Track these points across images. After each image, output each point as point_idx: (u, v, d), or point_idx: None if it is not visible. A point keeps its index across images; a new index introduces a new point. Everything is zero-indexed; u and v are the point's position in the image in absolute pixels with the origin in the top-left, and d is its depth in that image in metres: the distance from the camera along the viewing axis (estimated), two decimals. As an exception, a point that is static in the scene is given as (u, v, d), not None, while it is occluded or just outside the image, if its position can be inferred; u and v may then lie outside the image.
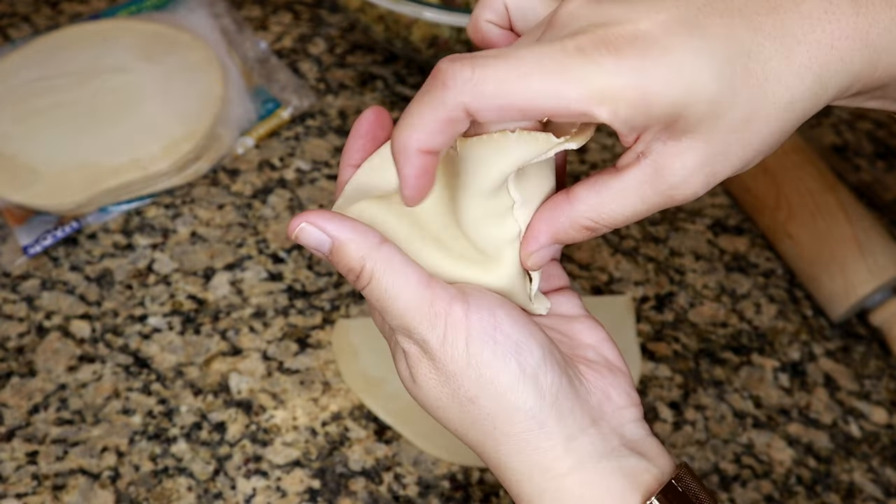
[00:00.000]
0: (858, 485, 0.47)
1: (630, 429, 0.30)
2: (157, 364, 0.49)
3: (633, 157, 0.27)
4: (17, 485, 0.44)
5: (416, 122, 0.26)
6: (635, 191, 0.27)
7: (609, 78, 0.24)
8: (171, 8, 0.64)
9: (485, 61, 0.25)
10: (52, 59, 0.60)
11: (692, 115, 0.25)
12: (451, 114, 0.25)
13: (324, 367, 0.49)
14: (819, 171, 0.55)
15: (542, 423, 0.29)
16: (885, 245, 0.52)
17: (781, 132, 0.26)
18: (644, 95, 0.25)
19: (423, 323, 0.28)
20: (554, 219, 0.29)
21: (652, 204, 0.27)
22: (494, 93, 0.24)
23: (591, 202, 0.28)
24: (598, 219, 0.28)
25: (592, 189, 0.28)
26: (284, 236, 0.55)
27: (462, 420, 0.30)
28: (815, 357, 0.52)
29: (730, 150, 0.26)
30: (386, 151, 0.32)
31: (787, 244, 0.54)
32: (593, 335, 0.32)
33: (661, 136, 0.26)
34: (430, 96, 0.25)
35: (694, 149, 0.26)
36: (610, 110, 0.25)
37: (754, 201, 0.56)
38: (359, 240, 0.29)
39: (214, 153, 0.57)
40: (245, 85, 0.60)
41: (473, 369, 0.28)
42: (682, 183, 0.27)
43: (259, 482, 0.45)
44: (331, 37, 0.66)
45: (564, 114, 0.25)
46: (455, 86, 0.25)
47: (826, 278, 0.52)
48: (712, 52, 0.25)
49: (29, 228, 0.53)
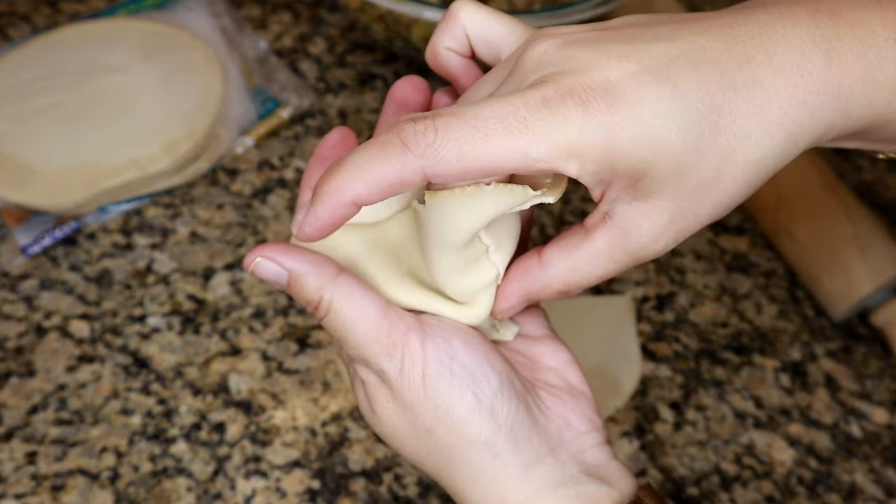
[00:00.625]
0: (860, 485, 0.47)
1: (592, 454, 0.30)
2: (157, 364, 0.49)
3: (600, 217, 0.27)
4: (16, 485, 0.44)
5: (360, 174, 0.24)
6: (605, 253, 0.27)
7: (576, 133, 0.24)
8: (170, 7, 0.64)
9: (447, 123, 0.24)
10: (51, 59, 0.59)
11: (658, 173, 0.25)
12: (406, 177, 0.24)
13: (324, 367, 0.49)
14: (820, 171, 0.55)
15: (498, 454, 0.28)
16: (887, 245, 0.52)
17: (750, 187, 0.26)
18: (611, 153, 0.24)
19: (381, 353, 0.28)
20: (527, 282, 0.29)
21: (622, 263, 0.27)
22: (457, 157, 0.24)
23: (563, 266, 0.28)
24: (571, 282, 0.28)
25: (563, 252, 0.28)
26: (285, 236, 0.55)
27: (419, 450, 0.29)
28: (816, 357, 0.52)
29: (698, 209, 0.26)
30: None
31: (788, 244, 0.54)
32: (556, 358, 0.32)
33: (626, 196, 0.26)
34: (386, 153, 0.24)
35: (660, 209, 0.26)
36: (577, 166, 0.24)
37: (755, 201, 0.56)
38: (315, 271, 0.28)
39: (214, 153, 0.57)
40: (245, 84, 0.60)
41: (430, 400, 0.28)
42: (650, 243, 0.26)
43: (259, 482, 0.45)
44: (331, 36, 0.66)
45: (531, 171, 0.24)
46: (416, 149, 0.24)
47: (827, 278, 0.52)
48: (682, 110, 0.24)
49: (28, 228, 0.53)
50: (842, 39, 0.25)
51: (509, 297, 0.30)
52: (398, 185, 0.24)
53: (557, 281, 0.28)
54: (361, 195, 0.24)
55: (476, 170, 0.24)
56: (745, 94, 0.25)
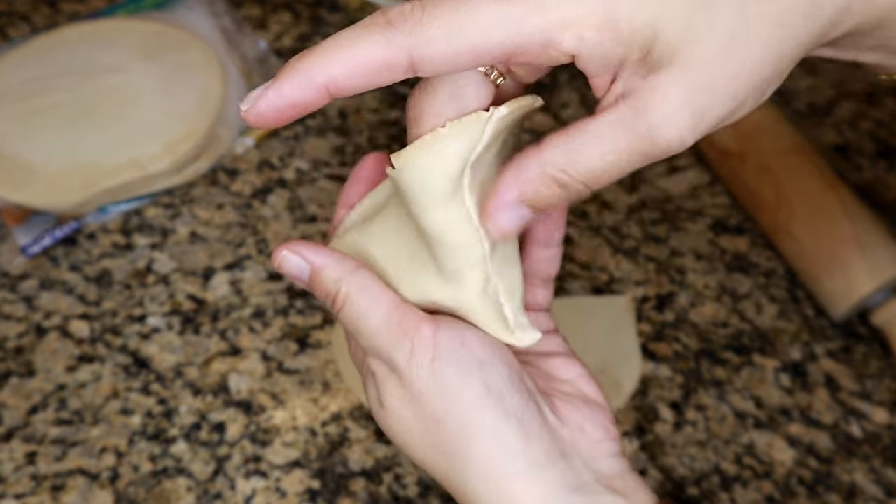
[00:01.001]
0: (860, 485, 0.47)
1: (607, 464, 0.29)
2: (157, 364, 0.49)
3: (612, 99, 0.24)
4: (15, 485, 0.44)
5: (339, 53, 0.22)
6: (612, 133, 0.24)
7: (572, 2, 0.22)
8: (170, 7, 0.64)
9: (433, 1, 0.22)
10: (50, 59, 0.59)
11: (667, 38, 0.22)
12: (390, 58, 0.22)
13: (324, 367, 0.49)
14: (820, 171, 0.55)
15: (508, 446, 0.27)
16: (887, 245, 0.51)
17: (772, 60, 0.23)
18: (611, 16, 0.22)
19: (392, 341, 0.28)
20: (521, 170, 0.25)
21: (632, 150, 0.24)
22: (445, 35, 0.22)
23: (563, 148, 0.24)
24: (570, 168, 0.24)
25: (565, 134, 0.24)
26: (284, 236, 0.55)
27: (426, 443, 0.28)
28: (816, 357, 0.52)
29: (716, 82, 0.23)
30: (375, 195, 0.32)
31: (788, 244, 0.54)
32: (571, 371, 0.31)
33: (640, 71, 0.23)
34: (369, 31, 0.22)
35: (675, 80, 0.23)
36: (575, 37, 0.22)
37: (755, 201, 0.56)
38: (335, 265, 0.29)
39: (214, 153, 0.57)
40: (245, 84, 0.60)
41: (438, 387, 0.27)
42: (664, 121, 0.23)
43: (259, 482, 0.45)
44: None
45: (524, 48, 0.22)
46: (402, 27, 0.22)
47: (827, 278, 0.52)
48: None
49: (27, 228, 0.53)
50: None
51: (503, 193, 0.26)
52: (380, 68, 0.22)
53: (555, 165, 0.24)
54: (337, 77, 0.22)
55: (465, 49, 0.22)
56: None
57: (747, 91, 0.23)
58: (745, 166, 0.56)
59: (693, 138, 0.23)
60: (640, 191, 0.58)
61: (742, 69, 0.23)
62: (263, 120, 0.23)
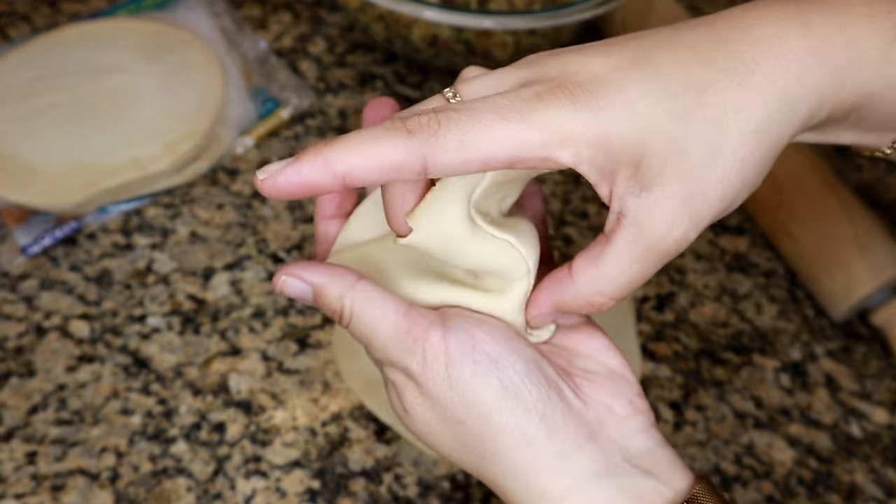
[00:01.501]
0: (860, 485, 0.47)
1: (637, 441, 0.29)
2: (157, 364, 0.49)
3: (615, 218, 0.27)
4: (15, 485, 0.44)
5: (360, 149, 0.25)
6: (627, 253, 0.27)
7: (568, 120, 0.24)
8: (170, 7, 0.64)
9: (448, 116, 0.25)
10: (50, 59, 0.59)
11: (654, 153, 0.25)
12: (406, 161, 0.25)
13: (324, 367, 0.49)
14: (820, 171, 0.55)
15: (531, 441, 0.28)
16: (886, 245, 0.51)
17: (758, 161, 0.26)
18: (603, 135, 0.25)
19: (404, 351, 0.28)
20: (557, 292, 0.29)
21: (647, 262, 0.27)
22: (457, 146, 0.24)
23: (591, 274, 0.28)
24: (601, 290, 0.28)
25: (589, 260, 0.28)
26: (284, 236, 0.55)
27: (454, 444, 0.29)
28: (816, 357, 0.52)
29: (707, 188, 0.26)
30: (373, 198, 0.33)
31: (788, 244, 0.54)
32: (593, 344, 0.31)
33: (633, 189, 0.26)
34: (390, 135, 0.25)
35: (668, 194, 0.26)
36: (572, 153, 0.25)
37: (755, 201, 0.56)
38: (335, 281, 0.29)
39: (214, 153, 0.57)
40: (245, 84, 0.60)
41: (456, 391, 0.28)
42: (667, 232, 0.26)
43: (259, 482, 0.45)
44: (330, 36, 0.66)
45: (526, 161, 0.25)
46: (420, 136, 0.24)
47: (827, 278, 0.52)
48: (665, 89, 0.25)
49: (28, 228, 0.53)
50: (819, 14, 0.26)
51: (539, 305, 0.30)
52: (396, 168, 0.25)
53: (588, 290, 0.28)
54: (355, 169, 0.25)
55: (474, 159, 0.25)
56: (727, 70, 0.25)
57: (737, 190, 0.27)
58: (745, 166, 0.56)
59: (696, 234, 0.27)
60: (640, 191, 0.58)
61: (728, 173, 0.26)
62: (278, 193, 0.25)
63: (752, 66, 0.25)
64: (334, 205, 0.33)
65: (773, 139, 0.26)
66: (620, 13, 0.64)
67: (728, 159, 0.25)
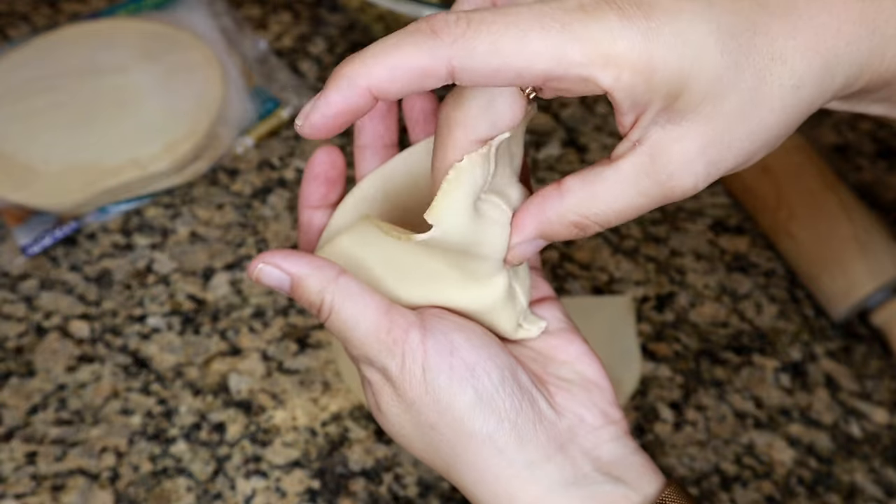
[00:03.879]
0: (860, 485, 0.47)
1: (608, 449, 0.29)
2: (157, 364, 0.49)
3: (629, 145, 0.25)
4: (16, 485, 0.44)
5: (382, 58, 0.23)
6: (630, 181, 0.25)
7: (614, 38, 0.22)
8: (170, 7, 0.64)
9: (481, 16, 0.23)
10: (50, 59, 0.59)
11: (695, 90, 0.23)
12: (432, 65, 0.22)
13: (324, 367, 0.49)
14: (820, 171, 0.55)
15: (502, 450, 0.28)
16: (886, 245, 0.51)
17: (786, 121, 0.25)
18: (649, 61, 0.23)
19: (382, 350, 0.28)
20: (542, 211, 0.27)
21: (648, 197, 0.25)
22: (489, 51, 0.22)
23: (582, 194, 0.26)
24: (588, 213, 0.26)
25: (584, 180, 0.26)
26: (284, 236, 0.55)
27: (426, 448, 0.29)
28: (815, 357, 0.52)
29: (732, 138, 0.24)
30: (358, 193, 0.32)
31: (788, 244, 0.54)
32: (571, 350, 0.31)
33: (660, 119, 0.24)
34: (413, 39, 0.22)
35: (694, 133, 0.24)
36: (613, 76, 0.23)
37: (755, 201, 0.56)
38: (316, 274, 0.28)
39: (214, 153, 0.57)
40: (244, 84, 0.60)
41: (431, 395, 0.28)
42: (680, 171, 0.25)
43: (259, 482, 0.45)
44: (330, 36, 0.66)
45: (563, 78, 0.23)
46: (446, 37, 0.22)
47: (827, 278, 0.52)
48: (719, 23, 0.23)
49: (28, 228, 0.53)
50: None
51: (524, 229, 0.28)
52: (421, 74, 0.23)
53: (573, 212, 0.26)
54: (381, 80, 0.23)
55: (507, 68, 0.22)
56: (780, 17, 0.24)
57: (759, 147, 0.25)
58: (745, 166, 0.56)
59: (705, 185, 0.25)
60: (640, 191, 0.58)
61: (757, 128, 0.24)
62: (317, 131, 0.23)
63: (806, 18, 0.24)
64: (319, 194, 0.32)
65: (806, 102, 0.25)
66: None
67: (763, 113, 0.24)
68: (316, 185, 0.32)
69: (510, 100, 0.26)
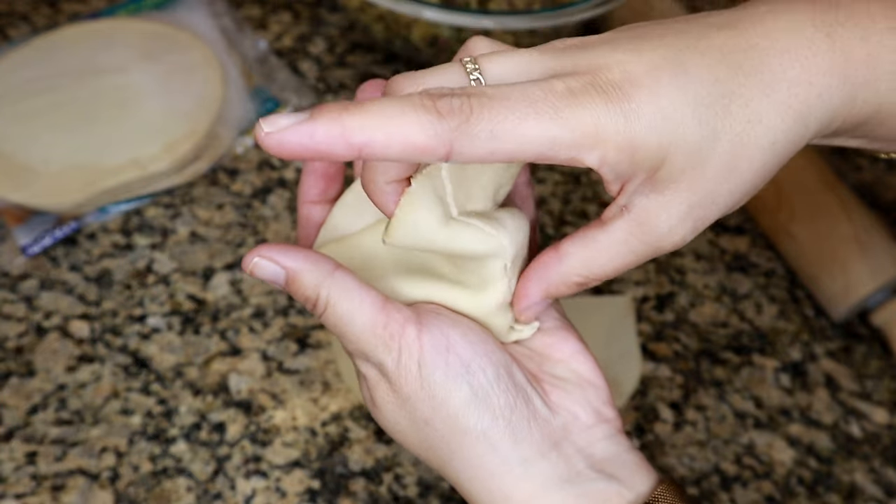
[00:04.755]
0: (860, 485, 0.47)
1: (601, 447, 0.29)
2: (157, 364, 0.49)
3: (617, 209, 0.27)
4: (16, 485, 0.44)
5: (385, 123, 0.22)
6: (623, 244, 0.27)
7: (600, 122, 0.24)
8: (170, 7, 0.64)
9: (481, 102, 0.23)
10: (50, 59, 0.59)
11: (676, 161, 0.25)
12: (431, 145, 0.23)
13: (324, 367, 0.49)
14: (820, 171, 0.55)
15: (496, 447, 0.28)
16: (886, 245, 0.51)
17: (765, 174, 0.26)
18: (632, 140, 0.24)
19: (379, 346, 0.28)
20: (544, 277, 0.29)
21: (640, 255, 0.27)
22: (488, 136, 0.23)
23: (580, 257, 0.28)
24: (589, 273, 0.28)
25: (580, 244, 0.28)
26: (284, 236, 0.55)
27: (421, 443, 0.29)
28: (816, 357, 0.52)
29: (716, 197, 0.26)
30: (357, 188, 0.32)
31: (788, 244, 0.54)
32: (565, 348, 0.31)
33: (644, 189, 0.26)
34: (419, 115, 0.23)
35: (678, 200, 0.26)
36: (599, 156, 0.24)
37: (755, 201, 0.56)
38: (312, 269, 0.28)
39: (214, 153, 0.57)
40: (244, 84, 0.60)
41: (426, 391, 0.28)
42: (668, 233, 0.26)
43: (259, 482, 0.45)
44: (330, 36, 0.66)
45: (553, 158, 0.24)
46: (451, 121, 0.23)
47: (827, 278, 0.52)
48: (695, 94, 0.25)
49: (28, 228, 0.53)
50: (843, 25, 0.26)
51: (529, 295, 0.29)
52: (420, 150, 0.23)
53: (575, 273, 0.28)
54: (375, 144, 0.22)
55: (503, 150, 0.24)
56: (754, 77, 0.25)
57: (741, 198, 0.27)
58: (745, 166, 0.56)
59: (693, 237, 0.27)
60: (640, 191, 0.58)
61: (738, 184, 0.26)
62: (282, 150, 0.22)
63: (779, 75, 0.25)
64: (318, 190, 0.33)
65: (782, 154, 0.26)
66: (620, 13, 0.64)
67: (741, 172, 0.26)
68: (314, 179, 0.33)
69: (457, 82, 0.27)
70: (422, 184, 0.27)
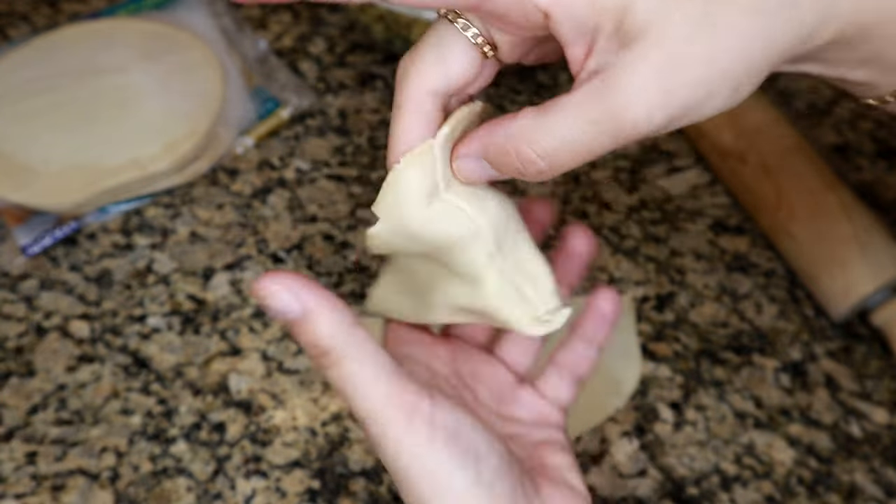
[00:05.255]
0: (860, 485, 0.47)
1: None
2: (157, 364, 0.49)
3: (586, 76, 0.24)
4: (16, 485, 0.44)
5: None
6: (582, 107, 0.24)
7: None
8: (170, 7, 0.64)
9: None
10: (50, 59, 0.59)
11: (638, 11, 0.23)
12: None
13: (324, 367, 0.49)
14: (820, 171, 0.55)
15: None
16: (886, 245, 0.51)
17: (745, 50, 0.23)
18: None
19: (392, 415, 0.27)
20: (492, 132, 0.26)
21: (599, 129, 0.24)
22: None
23: (533, 120, 0.25)
24: (533, 140, 0.25)
25: (540, 108, 0.25)
26: (284, 236, 0.55)
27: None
28: (815, 357, 0.52)
29: (685, 62, 0.23)
30: None
31: (788, 244, 0.54)
32: (560, 459, 0.32)
33: (612, 47, 0.23)
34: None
35: (644, 57, 0.23)
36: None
37: (755, 201, 0.56)
38: (332, 317, 0.26)
39: (214, 153, 0.57)
40: (245, 84, 0.60)
41: (429, 471, 0.27)
42: (632, 97, 0.23)
43: (259, 482, 0.45)
44: (330, 36, 0.66)
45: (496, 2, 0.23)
46: None
47: (827, 278, 0.52)
48: None
49: (28, 228, 0.53)
50: None
51: (469, 144, 0.27)
52: None
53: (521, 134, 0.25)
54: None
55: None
56: None
57: (716, 80, 0.23)
58: (745, 166, 0.56)
59: (662, 119, 0.23)
60: (640, 191, 0.59)
61: (712, 54, 0.23)
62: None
63: None
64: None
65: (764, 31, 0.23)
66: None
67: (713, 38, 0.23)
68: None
69: (462, 52, 0.26)
70: (411, 161, 0.27)
